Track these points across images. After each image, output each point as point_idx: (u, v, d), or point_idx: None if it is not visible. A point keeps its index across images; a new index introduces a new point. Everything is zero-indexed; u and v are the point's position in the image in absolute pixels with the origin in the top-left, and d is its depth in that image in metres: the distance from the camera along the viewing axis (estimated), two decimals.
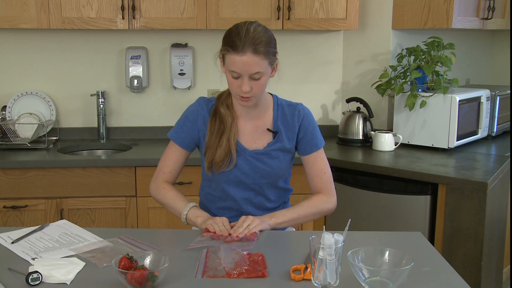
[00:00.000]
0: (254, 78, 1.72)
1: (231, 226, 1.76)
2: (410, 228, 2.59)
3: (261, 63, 1.70)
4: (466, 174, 2.52)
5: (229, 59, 1.71)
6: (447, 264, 1.58)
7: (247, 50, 1.67)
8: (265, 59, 1.71)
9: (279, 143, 1.89)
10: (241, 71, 1.69)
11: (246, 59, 1.67)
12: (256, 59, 1.68)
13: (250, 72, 1.70)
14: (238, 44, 1.67)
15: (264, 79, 1.75)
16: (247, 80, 1.71)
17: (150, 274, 1.36)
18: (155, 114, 3.39)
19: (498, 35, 4.15)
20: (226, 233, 1.70)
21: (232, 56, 1.69)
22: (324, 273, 1.37)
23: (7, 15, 2.88)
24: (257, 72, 1.71)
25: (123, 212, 2.84)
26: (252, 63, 1.68)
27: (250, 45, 1.67)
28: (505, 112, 3.38)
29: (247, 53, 1.67)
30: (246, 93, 1.74)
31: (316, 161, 1.91)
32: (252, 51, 1.67)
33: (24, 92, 3.21)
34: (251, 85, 1.72)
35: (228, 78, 1.76)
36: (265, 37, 1.71)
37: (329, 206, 1.91)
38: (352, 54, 3.42)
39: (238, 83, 1.73)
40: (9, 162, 2.76)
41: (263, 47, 1.69)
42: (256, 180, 1.89)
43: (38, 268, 1.46)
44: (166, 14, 2.97)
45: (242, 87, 1.72)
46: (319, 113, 3.50)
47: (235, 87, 1.75)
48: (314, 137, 1.91)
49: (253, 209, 1.93)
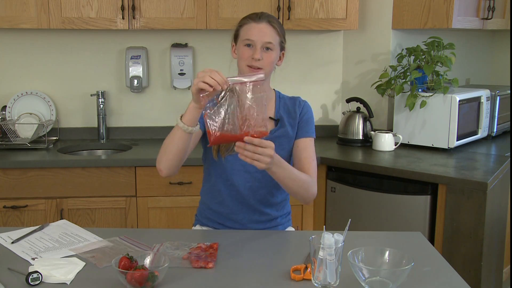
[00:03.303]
0: (266, 48, 1.82)
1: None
2: (410, 228, 2.58)
3: (274, 36, 1.83)
4: (466, 174, 2.52)
5: (245, 30, 1.84)
6: (447, 264, 1.58)
7: (263, 20, 1.84)
8: (277, 35, 1.85)
9: (282, 128, 1.92)
10: (256, 38, 1.81)
11: (262, 26, 1.83)
12: (271, 29, 1.83)
13: (264, 39, 1.81)
14: (255, 16, 1.85)
15: (273, 54, 1.84)
16: (259, 49, 1.81)
17: (150, 274, 1.36)
18: (155, 114, 3.39)
19: (498, 35, 4.15)
20: (223, 82, 1.57)
21: (249, 25, 1.84)
22: (324, 273, 1.37)
23: (7, 15, 2.88)
24: (269, 42, 1.82)
25: (123, 212, 2.84)
26: (267, 32, 1.82)
27: (266, 17, 1.85)
28: (505, 112, 3.38)
29: (263, 22, 1.83)
30: (257, 62, 1.80)
31: (307, 147, 1.92)
32: (267, 22, 1.84)
33: (24, 92, 3.21)
34: (262, 55, 1.81)
35: (241, 50, 1.84)
36: (278, 20, 1.89)
37: (313, 190, 1.87)
38: (352, 54, 3.42)
39: (250, 52, 1.82)
40: (9, 162, 2.76)
41: (277, 24, 1.86)
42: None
43: (38, 268, 1.46)
44: (166, 14, 2.97)
45: (254, 54, 1.80)
46: (319, 113, 3.50)
47: (247, 57, 1.82)
48: (309, 125, 1.95)
49: (256, 202, 1.93)
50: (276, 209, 1.98)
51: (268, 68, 1.84)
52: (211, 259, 1.56)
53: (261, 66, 1.81)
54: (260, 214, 1.95)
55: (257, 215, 1.95)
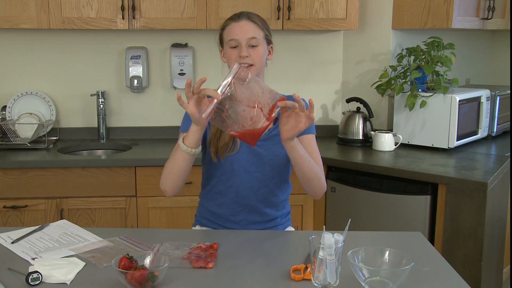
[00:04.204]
0: (251, 45, 1.82)
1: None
2: (410, 228, 2.58)
3: (256, 30, 1.84)
4: (466, 174, 2.52)
5: (227, 32, 1.85)
6: (447, 264, 1.58)
7: (242, 17, 1.85)
8: (260, 30, 1.85)
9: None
10: (238, 36, 1.81)
11: (242, 23, 1.83)
12: (252, 25, 1.84)
13: (247, 36, 1.81)
14: (234, 16, 1.86)
15: (261, 49, 1.84)
16: (245, 46, 1.81)
17: (150, 274, 1.36)
18: (155, 114, 3.39)
19: (498, 35, 4.15)
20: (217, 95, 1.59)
21: (229, 26, 1.85)
22: (324, 273, 1.37)
23: (7, 15, 2.88)
24: (254, 38, 1.82)
25: (123, 212, 2.84)
26: (248, 28, 1.83)
27: (245, 15, 1.86)
28: (505, 112, 3.38)
29: (243, 19, 1.84)
30: (245, 59, 1.80)
31: (310, 142, 1.90)
32: (247, 18, 1.85)
33: (24, 92, 3.21)
34: (249, 52, 1.81)
35: (228, 52, 1.85)
36: (258, 16, 1.89)
37: (324, 181, 1.86)
38: (352, 54, 3.42)
39: (236, 52, 1.82)
40: (9, 162, 2.76)
41: (257, 19, 1.86)
42: (260, 167, 1.89)
43: (38, 268, 1.46)
44: (166, 14, 2.97)
45: (241, 52, 1.80)
46: (319, 113, 3.50)
47: (235, 57, 1.82)
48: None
49: (257, 202, 1.93)
50: (276, 209, 1.98)
51: (258, 63, 1.83)
52: (211, 259, 1.56)
53: (251, 62, 1.81)
54: (260, 214, 1.95)
55: (257, 216, 1.94)
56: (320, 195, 1.90)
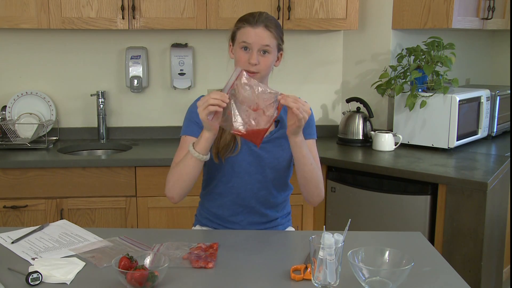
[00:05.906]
0: (263, 52, 1.81)
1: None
2: (410, 228, 2.58)
3: (271, 39, 1.82)
4: (466, 174, 2.52)
5: (241, 33, 1.83)
6: (447, 264, 1.58)
7: (260, 24, 1.82)
8: (274, 39, 1.84)
9: (282, 129, 1.90)
10: (252, 41, 1.80)
11: (258, 31, 1.81)
12: (267, 33, 1.82)
13: (260, 43, 1.80)
14: (252, 20, 1.83)
15: (270, 58, 1.84)
16: (256, 52, 1.81)
17: (150, 274, 1.36)
18: (155, 114, 3.39)
19: (498, 35, 4.15)
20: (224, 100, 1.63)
21: (245, 29, 1.82)
22: (324, 273, 1.37)
23: (7, 15, 2.88)
24: (267, 45, 1.81)
25: (123, 212, 2.84)
26: (264, 36, 1.81)
27: (262, 21, 1.83)
28: (505, 112, 3.38)
29: (259, 27, 1.82)
30: (253, 66, 1.80)
31: (310, 148, 1.90)
32: (264, 26, 1.82)
33: (24, 92, 3.21)
34: (259, 59, 1.81)
35: (237, 53, 1.84)
36: (275, 22, 1.87)
37: (322, 188, 1.88)
38: (352, 54, 3.42)
39: (247, 56, 1.81)
40: (9, 162, 2.76)
41: (274, 28, 1.84)
42: (260, 169, 1.89)
43: (38, 268, 1.46)
44: (166, 14, 2.97)
45: (251, 59, 1.80)
46: (319, 113, 3.50)
47: (244, 61, 1.81)
48: (310, 127, 1.95)
49: (257, 203, 1.93)
50: (277, 210, 1.98)
51: (264, 72, 1.84)
52: (211, 259, 1.56)
53: (258, 70, 1.81)
54: (261, 215, 1.95)
55: (257, 217, 1.94)
56: (317, 201, 1.90)
